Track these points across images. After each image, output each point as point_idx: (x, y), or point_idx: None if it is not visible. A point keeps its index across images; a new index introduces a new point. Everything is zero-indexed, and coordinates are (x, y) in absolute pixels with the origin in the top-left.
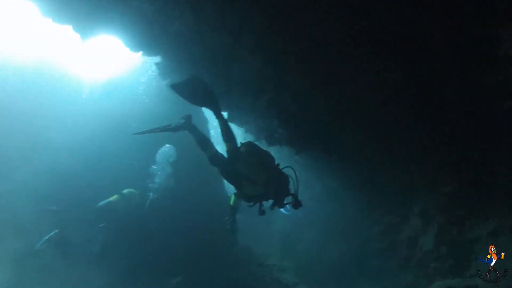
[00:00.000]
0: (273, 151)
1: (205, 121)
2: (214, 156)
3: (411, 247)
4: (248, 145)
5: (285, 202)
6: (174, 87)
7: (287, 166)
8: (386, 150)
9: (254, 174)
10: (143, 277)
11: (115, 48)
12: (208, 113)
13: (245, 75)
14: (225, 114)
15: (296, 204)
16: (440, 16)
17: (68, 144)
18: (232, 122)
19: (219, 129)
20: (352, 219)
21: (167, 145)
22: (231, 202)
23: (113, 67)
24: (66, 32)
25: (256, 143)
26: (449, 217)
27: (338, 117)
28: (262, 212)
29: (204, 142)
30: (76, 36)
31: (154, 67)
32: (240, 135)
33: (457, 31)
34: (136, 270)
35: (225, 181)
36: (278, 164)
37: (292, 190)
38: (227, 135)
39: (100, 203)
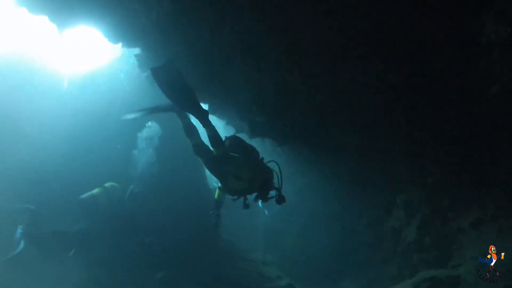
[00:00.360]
0: (255, 143)
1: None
2: (199, 145)
3: (395, 239)
4: (233, 139)
5: (268, 196)
6: (153, 72)
7: (271, 161)
8: (369, 143)
9: (239, 170)
10: (125, 273)
11: (94, 39)
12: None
13: (226, 69)
14: (205, 106)
15: (280, 199)
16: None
17: (47, 139)
18: (213, 115)
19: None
20: (336, 212)
21: (149, 123)
22: (216, 196)
23: (93, 58)
24: (42, 23)
25: (239, 135)
26: (433, 208)
27: (321, 110)
28: (246, 206)
29: (191, 129)
30: (53, 27)
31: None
32: (221, 127)
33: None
34: (118, 266)
35: (208, 173)
36: (262, 158)
37: (276, 185)
38: (216, 142)
39: (83, 196)
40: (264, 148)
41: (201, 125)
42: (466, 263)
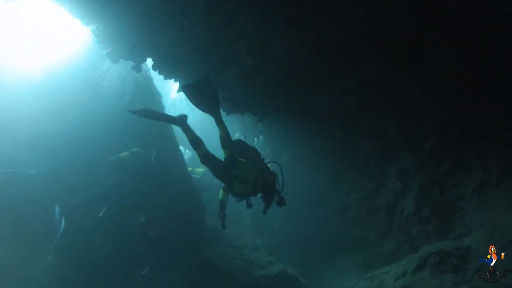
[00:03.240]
0: (235, 121)
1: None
2: (206, 155)
3: (390, 213)
4: (238, 143)
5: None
6: (185, 88)
7: (273, 161)
8: (357, 104)
9: (245, 174)
10: (108, 273)
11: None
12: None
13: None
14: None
15: (280, 201)
16: None
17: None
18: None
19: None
20: (325, 187)
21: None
22: (220, 197)
23: (66, 45)
24: None
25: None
26: (430, 175)
27: (304, 68)
28: (249, 206)
29: (196, 141)
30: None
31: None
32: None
33: None
34: (99, 266)
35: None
36: (263, 159)
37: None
38: (226, 142)
39: (112, 158)
40: (245, 126)
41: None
42: (473, 233)
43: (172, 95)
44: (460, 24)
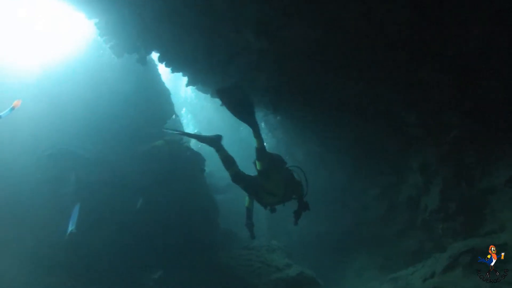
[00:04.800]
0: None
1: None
2: (237, 174)
3: (412, 209)
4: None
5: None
6: (220, 92)
7: (295, 166)
8: (376, 96)
9: (275, 189)
10: (117, 277)
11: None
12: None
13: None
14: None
15: (304, 207)
16: None
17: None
18: (194, 85)
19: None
20: (341, 185)
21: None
22: (246, 204)
23: (65, 44)
24: None
25: None
26: (456, 168)
27: (318, 54)
28: (273, 210)
29: (229, 161)
30: None
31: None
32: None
33: None
34: (109, 270)
35: None
36: (285, 163)
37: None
38: (262, 155)
39: (146, 147)
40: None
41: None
42: (508, 229)
43: (182, 92)
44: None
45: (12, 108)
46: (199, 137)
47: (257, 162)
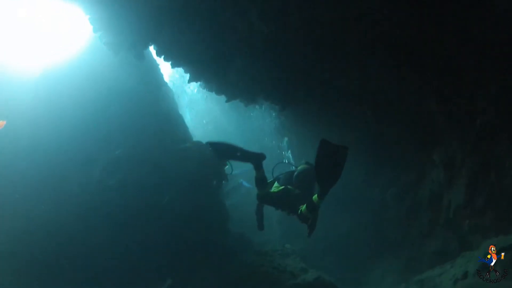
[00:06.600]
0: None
1: None
2: (265, 196)
3: (435, 207)
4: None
5: None
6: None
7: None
8: (393, 82)
9: (297, 203)
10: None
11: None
12: None
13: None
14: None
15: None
16: None
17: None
18: (197, 81)
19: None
20: (358, 185)
21: None
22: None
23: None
24: None
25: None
26: (484, 158)
27: (324, 38)
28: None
29: (262, 182)
30: None
31: None
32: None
33: None
34: (118, 279)
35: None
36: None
37: None
38: (261, 184)
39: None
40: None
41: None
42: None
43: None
44: None
45: None
46: (245, 153)
47: (257, 189)
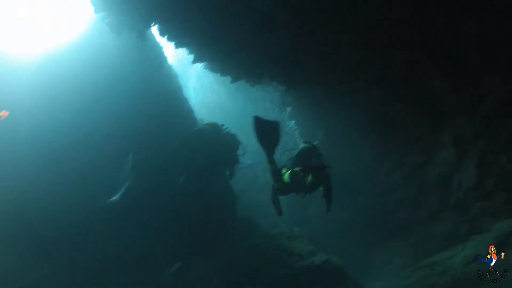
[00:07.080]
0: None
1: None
2: (280, 189)
3: (444, 188)
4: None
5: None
6: (255, 120)
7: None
8: (401, 59)
9: (310, 190)
10: (135, 270)
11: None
12: None
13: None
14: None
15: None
16: None
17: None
18: (201, 62)
19: None
20: (365, 167)
21: None
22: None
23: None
24: None
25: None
26: (494, 139)
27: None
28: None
29: (277, 175)
30: None
31: None
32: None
33: None
34: (125, 263)
35: None
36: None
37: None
38: (277, 177)
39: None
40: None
41: None
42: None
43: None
44: None
45: None
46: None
47: (273, 182)
